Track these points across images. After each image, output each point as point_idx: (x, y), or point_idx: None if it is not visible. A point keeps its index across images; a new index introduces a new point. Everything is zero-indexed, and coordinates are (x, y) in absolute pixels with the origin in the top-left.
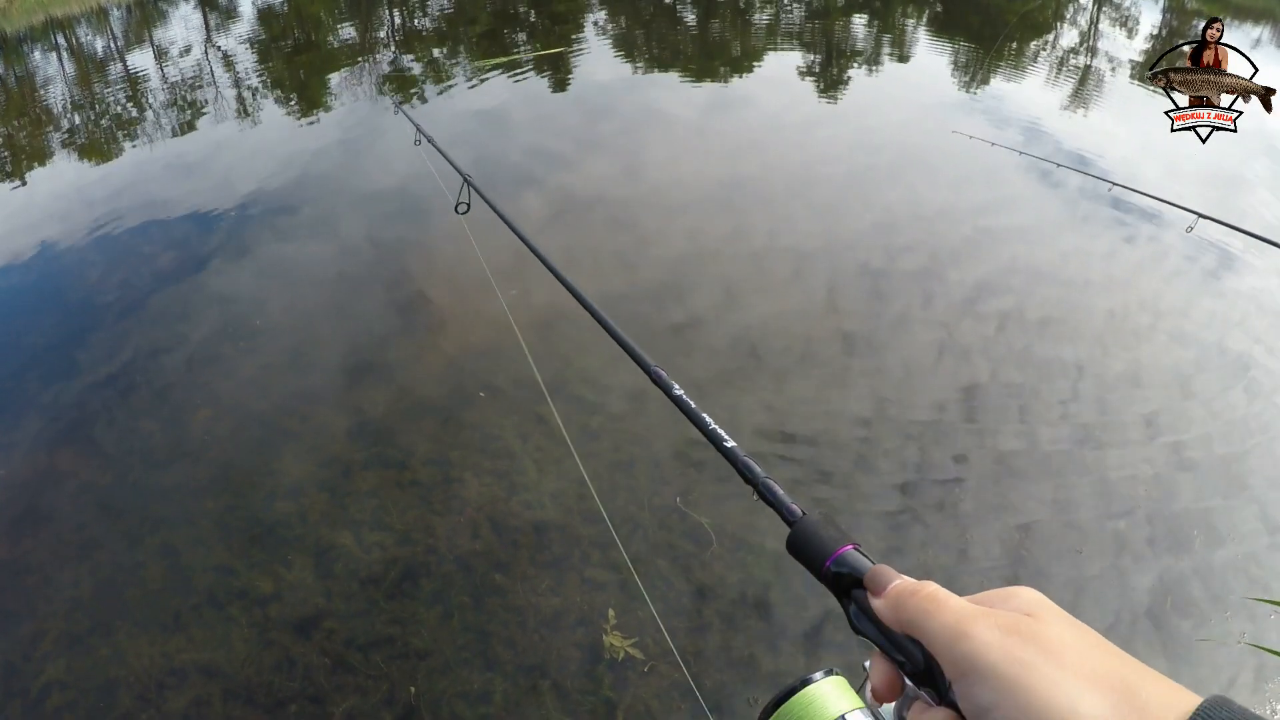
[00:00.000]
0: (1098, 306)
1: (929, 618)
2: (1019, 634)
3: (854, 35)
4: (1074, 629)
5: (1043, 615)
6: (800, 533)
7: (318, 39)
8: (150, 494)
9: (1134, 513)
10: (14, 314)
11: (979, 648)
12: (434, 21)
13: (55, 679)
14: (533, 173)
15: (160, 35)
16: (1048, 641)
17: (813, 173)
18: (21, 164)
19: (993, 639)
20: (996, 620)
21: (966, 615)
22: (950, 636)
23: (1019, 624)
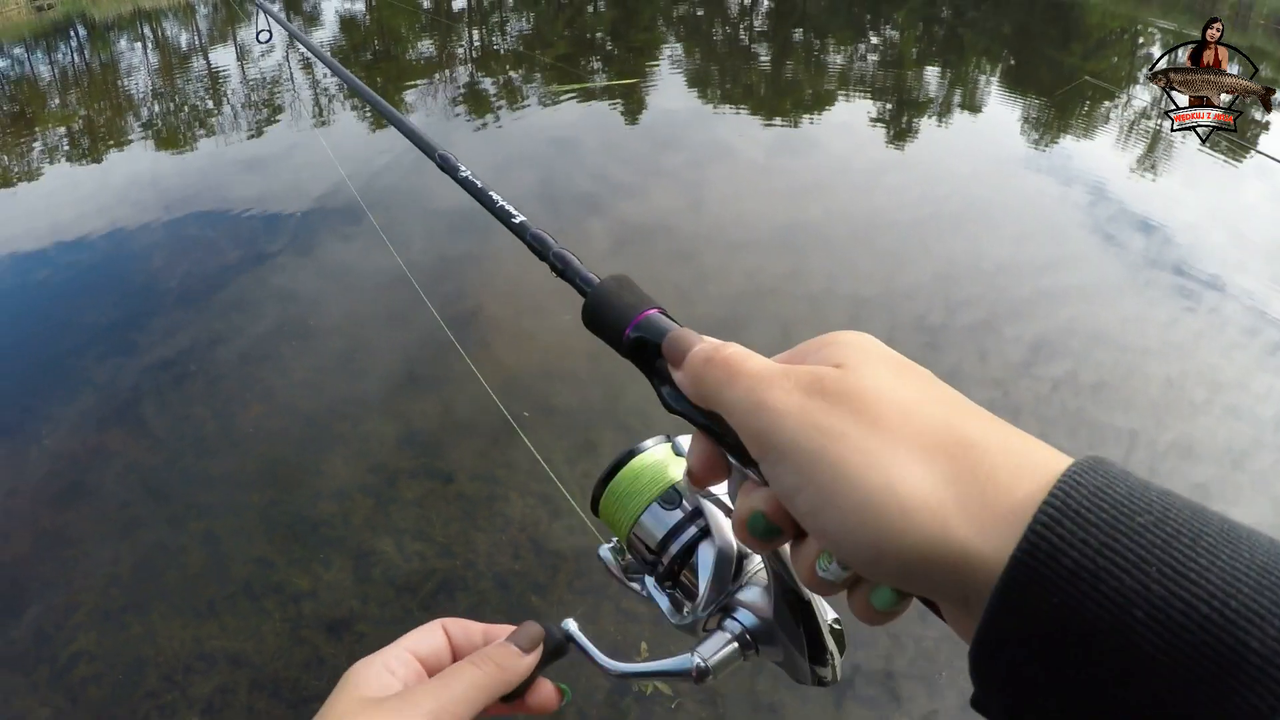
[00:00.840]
0: (1154, 374)
1: (724, 388)
2: (823, 394)
3: (925, 84)
4: (897, 376)
5: (856, 363)
6: (595, 300)
7: (397, 51)
8: (196, 481)
9: None
10: (79, 291)
11: (774, 419)
12: (511, 43)
13: (85, 649)
14: (599, 199)
15: (243, 35)
16: (860, 398)
17: (876, 219)
18: (99, 147)
19: (790, 405)
20: (797, 379)
21: (762, 379)
22: (746, 409)
23: (823, 381)
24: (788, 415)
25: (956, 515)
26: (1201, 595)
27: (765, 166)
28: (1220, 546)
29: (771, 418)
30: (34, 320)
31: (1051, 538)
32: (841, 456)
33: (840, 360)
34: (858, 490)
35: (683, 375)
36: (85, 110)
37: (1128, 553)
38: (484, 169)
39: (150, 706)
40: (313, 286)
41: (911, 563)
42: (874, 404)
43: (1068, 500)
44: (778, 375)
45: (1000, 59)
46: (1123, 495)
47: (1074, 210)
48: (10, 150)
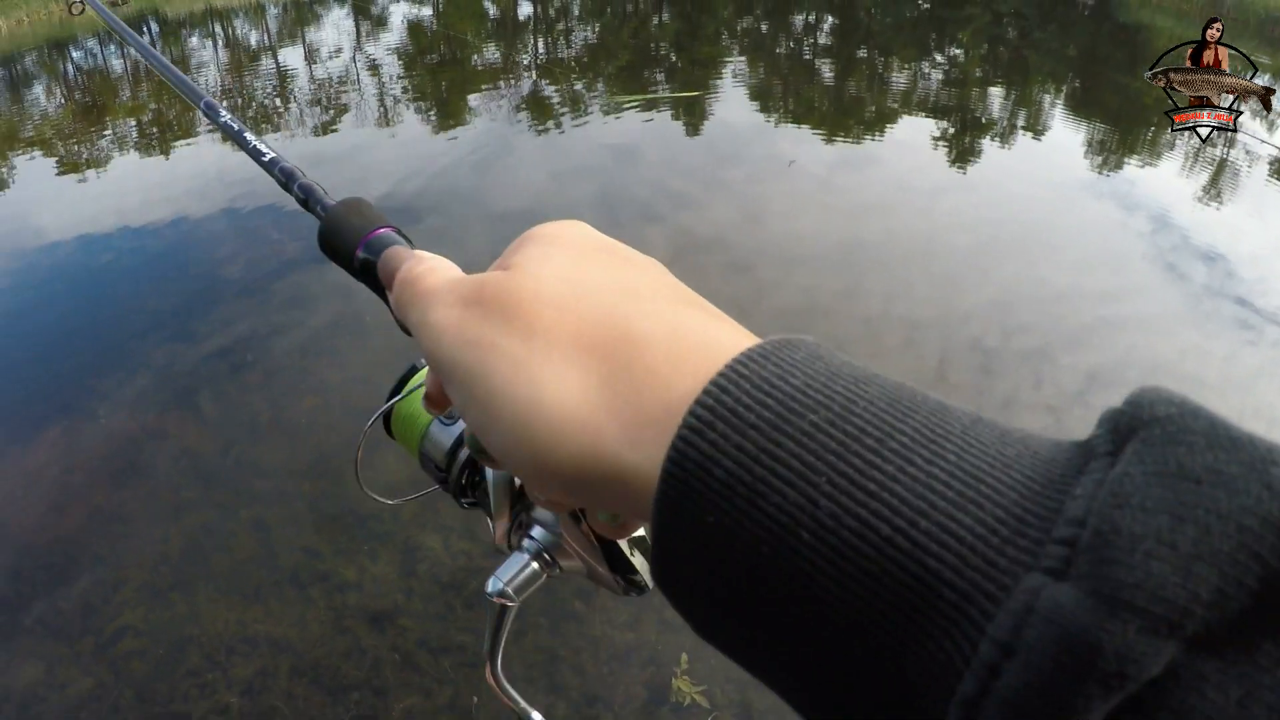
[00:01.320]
0: (1214, 408)
1: (409, 310)
2: (480, 303)
3: (989, 105)
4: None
5: (526, 260)
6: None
7: (462, 57)
8: (248, 468)
9: None
10: (142, 277)
11: (434, 337)
12: (576, 52)
13: (130, 625)
14: (658, 209)
15: (312, 35)
16: (516, 300)
17: (935, 241)
18: (167, 139)
19: (448, 320)
20: (460, 291)
21: (433, 294)
22: (418, 331)
23: (483, 288)
24: (445, 331)
25: (609, 424)
26: (882, 512)
27: (825, 183)
28: (917, 447)
29: (432, 335)
30: (98, 303)
31: (701, 444)
32: (493, 369)
33: (517, 261)
34: (508, 405)
35: (392, 297)
36: (155, 103)
37: (792, 459)
38: (545, 176)
39: (191, 684)
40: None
41: (571, 480)
42: (530, 305)
43: (724, 396)
44: (446, 288)
45: (1065, 81)
46: (798, 385)
47: (1136, 238)
48: (82, 139)
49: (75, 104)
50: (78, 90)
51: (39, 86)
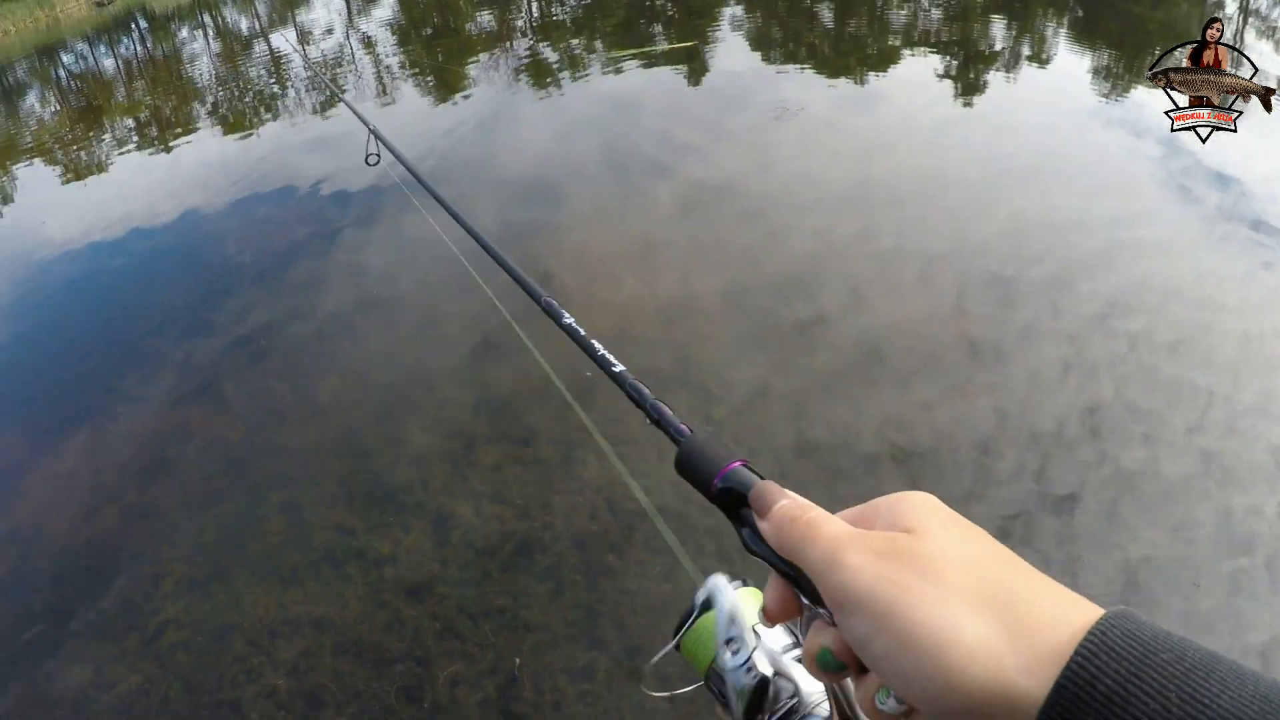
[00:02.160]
0: (1232, 331)
1: (807, 545)
2: (894, 556)
3: (992, 38)
4: (958, 540)
5: (923, 528)
6: (687, 451)
7: (456, 25)
8: (276, 452)
9: (1254, 551)
10: (154, 274)
11: (851, 576)
12: (570, 12)
13: (173, 618)
14: (664, 162)
15: (303, 17)
16: (926, 559)
17: (944, 175)
18: (166, 135)
19: (865, 564)
20: (870, 544)
21: (841, 542)
22: (825, 566)
23: (895, 544)
24: (863, 572)
25: (1009, 657)
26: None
27: (831, 125)
28: (1229, 679)
29: (847, 575)
30: (112, 304)
31: (1089, 668)
32: (912, 609)
33: (909, 525)
34: (927, 638)
35: (768, 526)
36: (151, 99)
37: (1152, 681)
38: (549, 137)
39: (238, 671)
40: (383, 260)
41: (972, 699)
42: (940, 565)
43: (1102, 639)
44: (854, 539)
45: (1067, 9)
46: (1148, 637)
47: (1147, 163)
48: (81, 142)
49: (70, 109)
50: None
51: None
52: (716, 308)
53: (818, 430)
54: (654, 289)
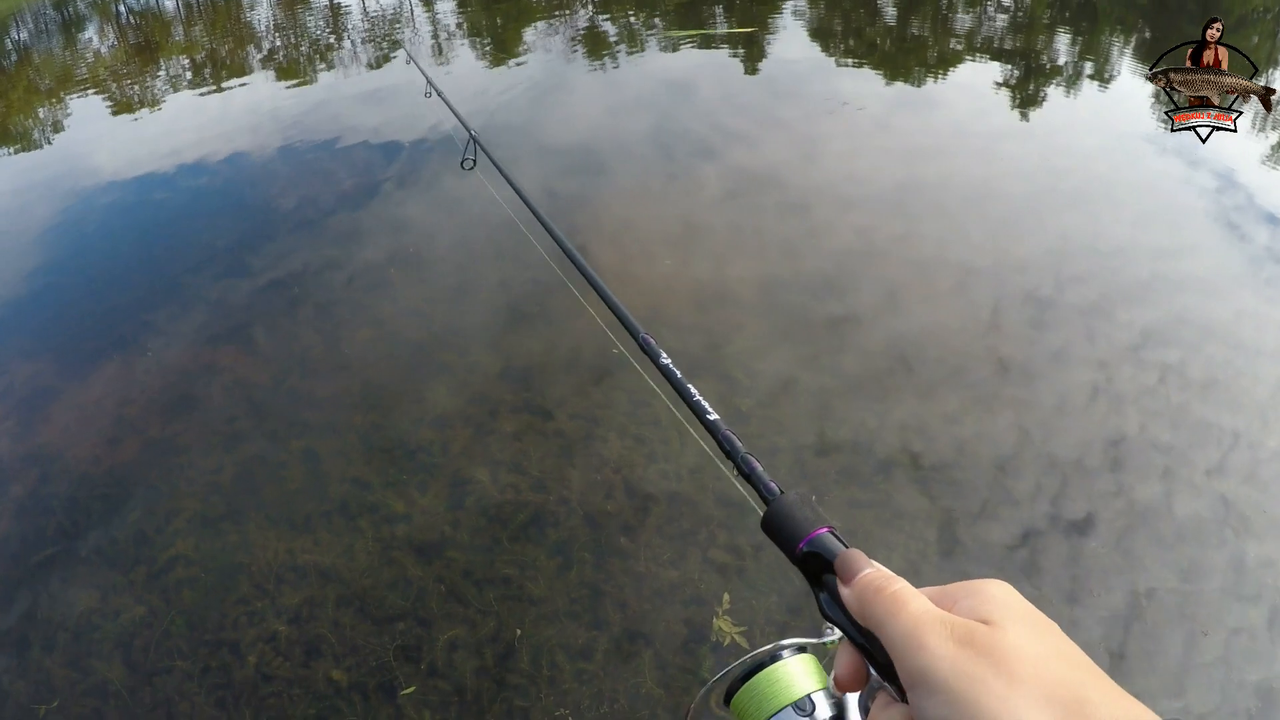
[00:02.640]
0: (1267, 375)
1: (890, 619)
2: (973, 645)
3: (1055, 52)
4: (1034, 636)
5: (1002, 621)
6: (776, 511)
7: None
8: (301, 400)
9: (1260, 601)
10: (198, 214)
11: (931, 660)
12: None
13: (182, 554)
14: (712, 145)
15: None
16: (1002, 653)
17: (992, 187)
18: (221, 76)
19: (945, 651)
20: (952, 630)
21: (924, 623)
22: (905, 644)
23: (974, 634)
24: (943, 659)
25: None
26: None
27: (884, 124)
28: None
29: (928, 658)
30: (154, 238)
31: None
32: (985, 701)
33: (987, 615)
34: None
35: (850, 594)
36: (208, 41)
37: None
38: (600, 111)
39: (240, 612)
40: (424, 219)
41: None
42: (1015, 660)
43: None
44: (937, 622)
45: (1134, 29)
46: None
47: (1199, 196)
48: (136, 79)
49: (128, 44)
50: (130, 30)
51: (91, 28)
52: (750, 297)
53: (839, 430)
54: (690, 272)
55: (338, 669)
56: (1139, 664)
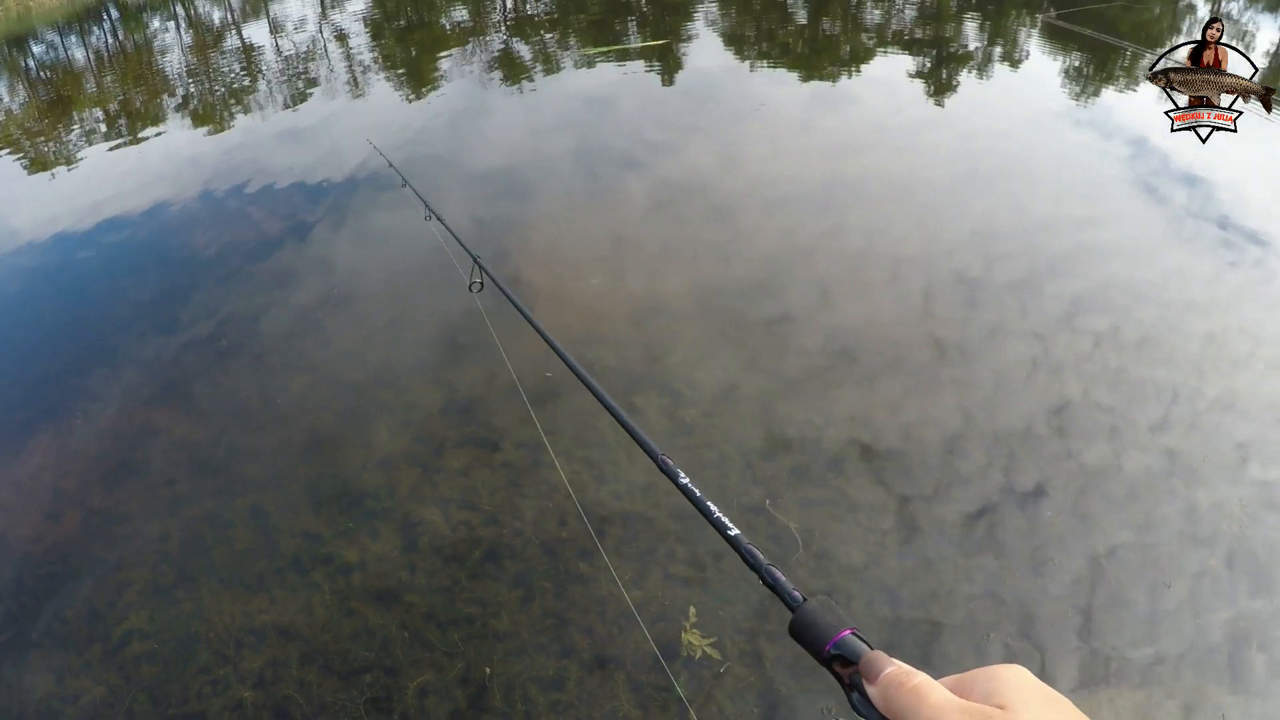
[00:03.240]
0: (1196, 329)
1: (911, 712)
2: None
3: (965, 39)
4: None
5: (1015, 705)
6: (802, 618)
7: (430, 19)
8: (242, 455)
9: (1217, 546)
10: (121, 270)
11: None
12: (545, 6)
13: (136, 627)
14: (635, 158)
15: (276, 9)
16: None
17: (914, 176)
18: (136, 126)
19: None
20: (969, 717)
21: (943, 712)
22: None
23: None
24: None
25: None
26: None
27: (803, 125)
28: None
29: None
30: (77, 300)
31: None
32: None
33: (1002, 699)
34: None
35: (876, 691)
36: (122, 91)
37: None
38: (522, 134)
39: (203, 682)
40: (352, 258)
41: None
42: None
43: None
44: (955, 710)
45: (1040, 10)
46: None
47: (1115, 165)
48: (49, 134)
49: (39, 100)
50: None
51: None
52: (685, 307)
53: (786, 430)
54: (623, 286)
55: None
56: (1108, 620)
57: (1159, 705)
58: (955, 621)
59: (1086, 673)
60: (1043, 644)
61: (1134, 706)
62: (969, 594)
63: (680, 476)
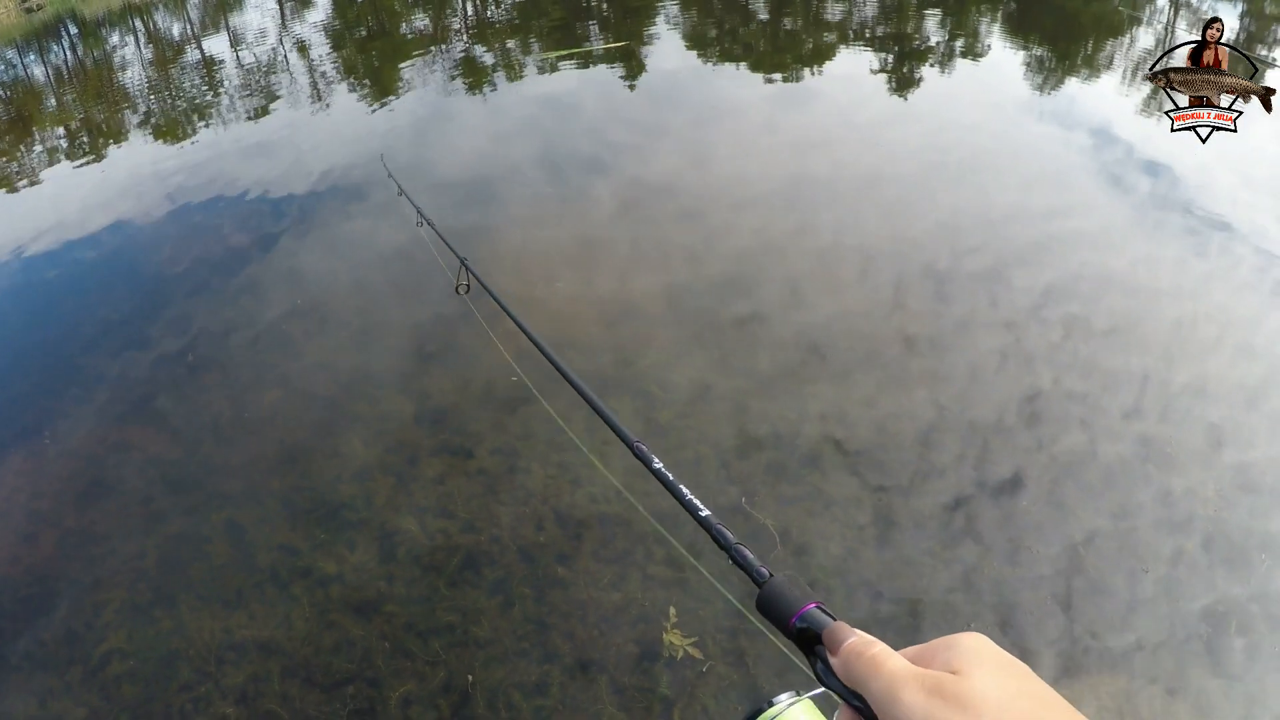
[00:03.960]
0: (1165, 316)
1: (870, 680)
2: (941, 695)
3: (927, 34)
4: (999, 680)
5: (969, 670)
6: (768, 593)
7: (391, 27)
8: (217, 470)
9: (1193, 530)
10: (87, 288)
11: (906, 712)
12: (506, 13)
13: (116, 648)
14: (601, 162)
15: (236, 21)
16: (968, 699)
17: (881, 171)
18: (98, 143)
19: (917, 702)
20: (923, 682)
21: (898, 679)
22: (884, 700)
23: (942, 684)
24: (915, 710)
25: None
26: None
27: (769, 123)
28: None
29: (903, 711)
30: (45, 320)
31: None
32: None
33: (957, 666)
34: None
35: (838, 661)
36: (82, 108)
37: None
38: (485, 138)
39: (185, 699)
40: (321, 266)
41: None
42: (978, 704)
43: None
44: (910, 677)
45: (1001, 2)
46: None
47: (1080, 155)
48: (10, 154)
49: None
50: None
51: None
52: (656, 308)
53: (760, 429)
54: (594, 290)
55: None
56: (1087, 607)
57: (1141, 691)
58: (935, 613)
59: (1068, 660)
60: (1023, 633)
61: (1116, 693)
62: (948, 585)
63: (654, 461)
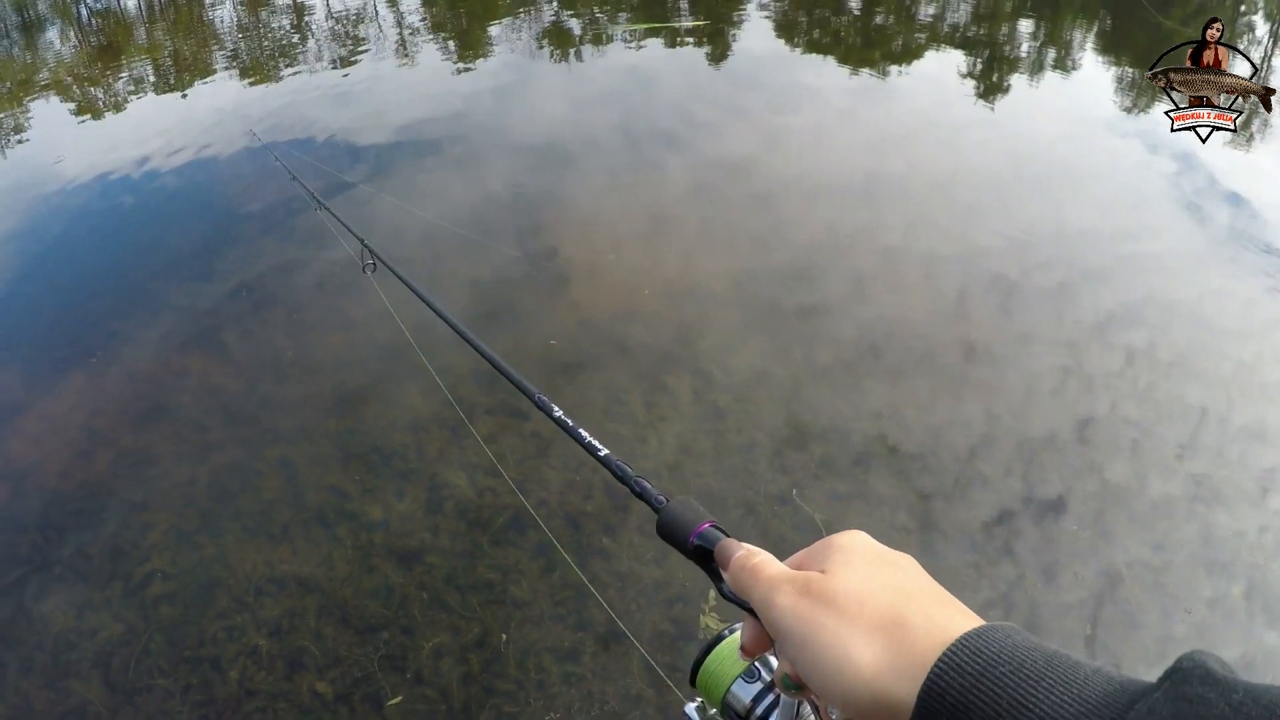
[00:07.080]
0: (1230, 354)
1: (752, 588)
2: (808, 594)
3: (1018, 42)
4: (862, 575)
5: (835, 567)
6: (666, 517)
7: None
8: (274, 407)
9: (1236, 575)
10: (163, 217)
11: (779, 614)
12: None
13: (159, 569)
14: (678, 138)
15: None
16: (833, 595)
17: (958, 176)
18: (185, 78)
19: (788, 603)
20: (794, 584)
21: (774, 583)
22: (763, 605)
23: (810, 584)
24: (785, 611)
25: (890, 676)
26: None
27: (850, 116)
28: (1057, 686)
29: (777, 614)
30: (119, 244)
31: (940, 683)
32: (819, 640)
33: (825, 564)
34: (830, 665)
35: (729, 575)
36: (171, 42)
37: (987, 691)
38: (565, 106)
39: (219, 627)
40: (397, 220)
41: (867, 710)
42: (843, 599)
43: (953, 656)
44: (783, 580)
45: (1096, 18)
46: (994, 652)
47: (1161, 179)
48: (98, 81)
49: (89, 46)
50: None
51: (53, 30)
52: (721, 290)
53: (813, 422)
54: (660, 267)
55: (322, 681)
56: (1118, 638)
57: None
58: None
59: None
60: None
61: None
62: (987, 599)
63: (555, 410)
